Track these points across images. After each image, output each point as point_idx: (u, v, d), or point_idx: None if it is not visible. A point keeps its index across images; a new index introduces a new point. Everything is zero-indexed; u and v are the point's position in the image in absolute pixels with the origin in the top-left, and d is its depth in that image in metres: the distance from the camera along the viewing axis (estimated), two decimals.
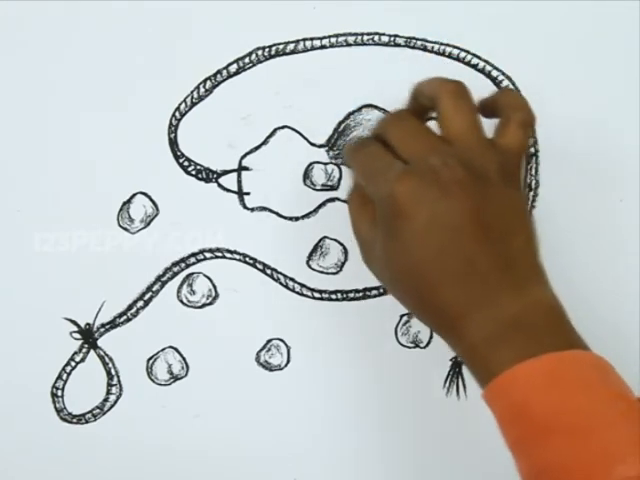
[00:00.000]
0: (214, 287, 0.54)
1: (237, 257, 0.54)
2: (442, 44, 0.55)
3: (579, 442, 0.40)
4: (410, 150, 0.45)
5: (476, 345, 0.43)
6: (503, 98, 0.48)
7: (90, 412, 0.54)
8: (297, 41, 0.54)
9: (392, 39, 0.55)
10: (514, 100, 0.48)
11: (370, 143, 0.48)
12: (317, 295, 0.55)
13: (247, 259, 0.54)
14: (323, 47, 0.54)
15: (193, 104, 0.54)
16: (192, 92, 0.54)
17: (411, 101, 0.49)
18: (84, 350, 0.54)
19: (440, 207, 0.43)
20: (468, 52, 0.55)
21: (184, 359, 0.55)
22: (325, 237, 0.55)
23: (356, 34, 0.54)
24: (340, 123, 0.55)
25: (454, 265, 0.43)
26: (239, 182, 0.54)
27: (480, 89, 0.51)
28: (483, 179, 0.44)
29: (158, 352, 0.54)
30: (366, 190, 0.47)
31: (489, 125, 0.47)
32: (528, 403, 0.41)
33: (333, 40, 0.54)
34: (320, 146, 0.55)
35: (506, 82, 0.55)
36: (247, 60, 0.54)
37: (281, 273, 0.55)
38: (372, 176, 0.46)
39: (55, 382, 0.54)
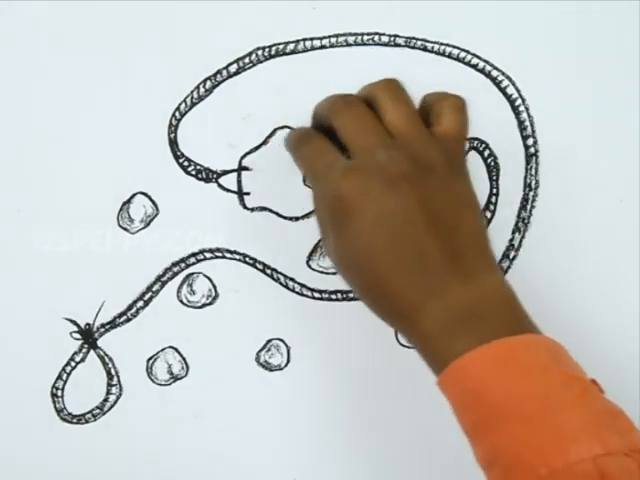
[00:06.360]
0: (214, 287, 0.54)
1: (237, 257, 0.54)
2: (442, 44, 0.55)
3: (534, 426, 0.40)
4: (357, 143, 0.46)
5: (430, 335, 0.44)
6: (429, 97, 0.49)
7: (90, 412, 0.54)
8: (297, 41, 0.54)
9: (392, 39, 0.54)
10: (439, 94, 0.49)
11: (313, 137, 0.49)
12: (317, 295, 0.55)
13: (247, 259, 0.54)
14: (323, 47, 0.54)
15: (193, 104, 0.54)
16: (192, 92, 0.54)
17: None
18: (84, 350, 0.54)
19: (388, 201, 0.44)
20: (468, 52, 0.55)
21: (184, 359, 0.54)
22: None
23: (356, 34, 0.54)
24: None
25: (404, 258, 0.44)
26: (239, 182, 0.54)
27: (480, 89, 0.51)
28: (429, 170, 0.45)
29: (158, 352, 0.54)
30: (313, 189, 0.47)
31: None
32: (482, 389, 0.42)
33: (333, 40, 0.54)
34: None
35: (506, 82, 0.55)
36: (247, 60, 0.54)
37: (281, 273, 0.55)
38: (317, 175, 0.47)
39: (55, 382, 0.54)
